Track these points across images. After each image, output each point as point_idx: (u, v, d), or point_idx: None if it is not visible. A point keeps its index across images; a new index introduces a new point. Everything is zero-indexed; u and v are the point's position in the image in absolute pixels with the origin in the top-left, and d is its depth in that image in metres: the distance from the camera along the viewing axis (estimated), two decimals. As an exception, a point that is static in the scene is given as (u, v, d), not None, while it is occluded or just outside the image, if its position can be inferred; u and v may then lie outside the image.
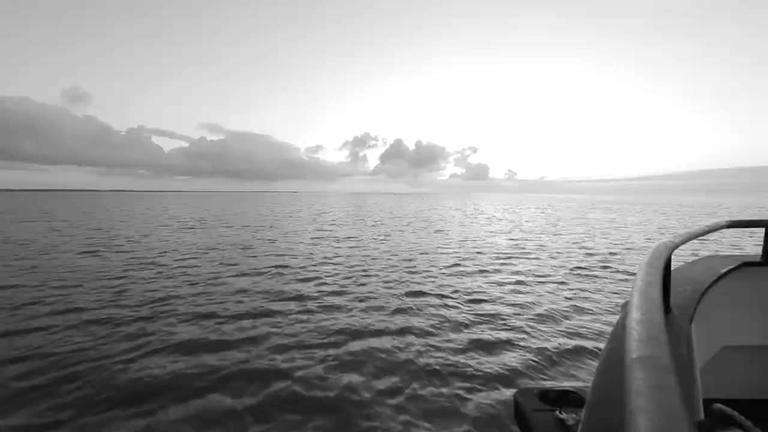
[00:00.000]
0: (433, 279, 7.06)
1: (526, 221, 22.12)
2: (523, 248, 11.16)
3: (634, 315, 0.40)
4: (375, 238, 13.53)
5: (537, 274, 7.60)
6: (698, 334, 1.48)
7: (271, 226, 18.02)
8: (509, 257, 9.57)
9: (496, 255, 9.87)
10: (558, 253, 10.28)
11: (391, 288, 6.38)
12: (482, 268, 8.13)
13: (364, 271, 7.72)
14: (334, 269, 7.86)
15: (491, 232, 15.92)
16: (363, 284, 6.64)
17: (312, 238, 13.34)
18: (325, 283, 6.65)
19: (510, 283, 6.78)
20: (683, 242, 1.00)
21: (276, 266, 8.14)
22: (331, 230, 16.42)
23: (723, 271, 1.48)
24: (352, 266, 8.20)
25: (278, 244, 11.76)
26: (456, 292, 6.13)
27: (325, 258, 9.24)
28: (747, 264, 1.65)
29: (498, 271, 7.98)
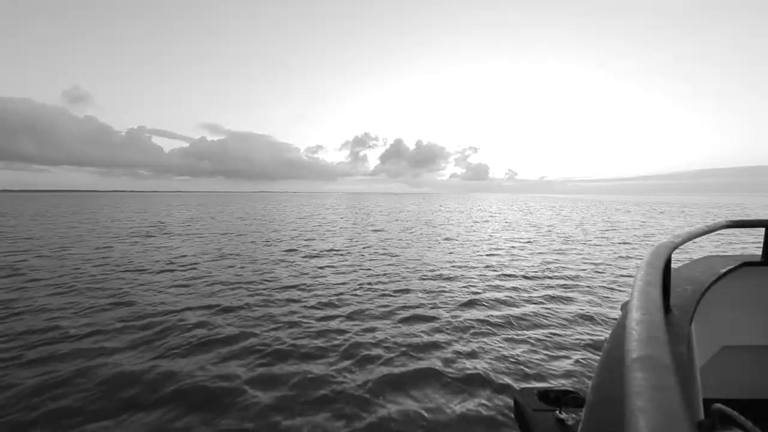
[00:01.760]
0: (448, 330, 4.42)
1: (548, 225, 19.02)
2: (568, 267, 8.22)
3: (634, 315, 0.40)
4: (367, 249, 10.98)
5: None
6: (698, 334, 1.48)
7: (240, 234, 15.00)
8: (559, 283, 6.71)
9: (534, 277, 7.23)
10: (623, 276, 7.32)
11: (370, 346, 3.92)
12: (523, 303, 5.52)
13: (333, 317, 4.92)
14: (288, 310, 5.18)
15: (511, 241, 12.96)
16: (326, 338, 4.14)
17: (283, 251, 10.44)
18: (259, 349, 3.87)
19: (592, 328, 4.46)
20: (683, 242, 1.01)
21: (202, 306, 5.33)
22: (313, 239, 13.43)
23: (723, 271, 1.48)
24: (318, 304, 5.48)
25: (233, 261, 8.93)
26: (485, 347, 3.89)
27: (284, 287, 6.46)
28: (747, 264, 1.65)
29: (552, 298, 5.72)
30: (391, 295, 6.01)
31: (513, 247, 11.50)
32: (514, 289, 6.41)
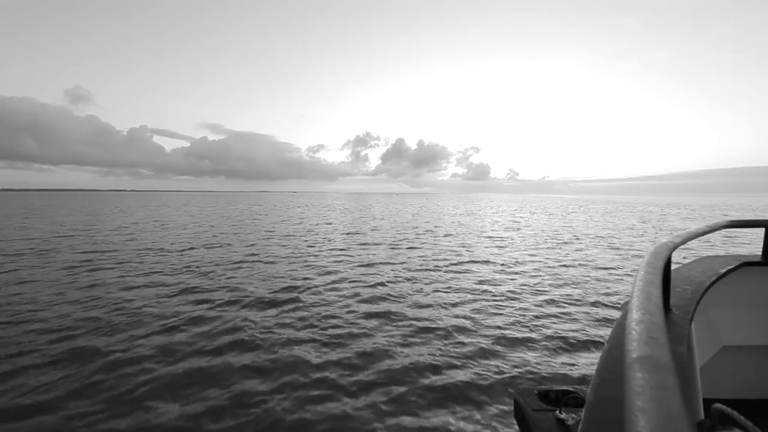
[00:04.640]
0: None
1: (603, 236, 13.97)
2: None
3: (634, 315, 0.40)
4: (338, 295, 6.07)
5: None
6: (698, 334, 1.48)
7: (191, 248, 11.10)
8: None
9: None
10: None
11: None
12: None
13: None
14: None
15: (593, 271, 7.76)
16: None
17: (221, 288, 6.38)
18: None
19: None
20: (683, 242, 1.00)
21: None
22: (279, 259, 9.31)
23: (723, 271, 1.48)
24: None
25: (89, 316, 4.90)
26: None
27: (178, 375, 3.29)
28: (747, 264, 1.65)
29: None
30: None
31: (612, 293, 6.09)
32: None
